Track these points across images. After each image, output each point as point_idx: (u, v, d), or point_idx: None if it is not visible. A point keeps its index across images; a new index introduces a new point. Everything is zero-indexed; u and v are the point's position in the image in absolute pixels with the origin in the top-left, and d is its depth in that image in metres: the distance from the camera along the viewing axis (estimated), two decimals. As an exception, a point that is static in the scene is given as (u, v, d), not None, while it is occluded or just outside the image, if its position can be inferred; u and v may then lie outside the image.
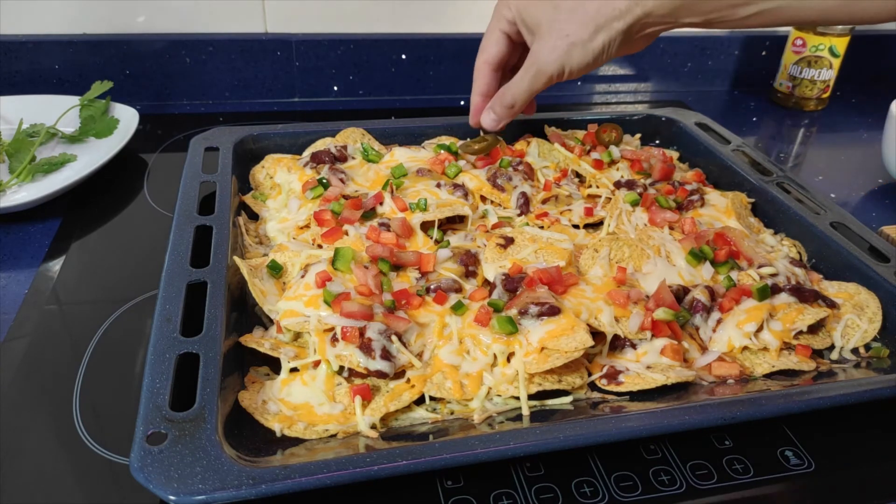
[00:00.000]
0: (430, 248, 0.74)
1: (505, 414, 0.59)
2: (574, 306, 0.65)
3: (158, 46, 1.16)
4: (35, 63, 1.12)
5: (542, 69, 0.73)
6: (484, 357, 0.61)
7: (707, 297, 0.69)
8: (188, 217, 0.74)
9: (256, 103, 1.24)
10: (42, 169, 0.91)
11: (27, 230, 0.84)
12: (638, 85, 1.41)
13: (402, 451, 0.50)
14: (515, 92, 0.78)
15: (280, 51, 1.20)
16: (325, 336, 0.61)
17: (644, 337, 0.64)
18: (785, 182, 0.89)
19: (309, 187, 0.81)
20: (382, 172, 0.86)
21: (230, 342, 0.61)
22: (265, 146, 0.93)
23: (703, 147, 0.98)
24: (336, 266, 0.66)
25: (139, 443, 0.48)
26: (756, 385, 0.62)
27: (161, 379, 0.53)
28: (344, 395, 0.59)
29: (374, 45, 1.23)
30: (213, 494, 0.46)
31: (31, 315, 0.70)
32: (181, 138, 1.09)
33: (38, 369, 0.64)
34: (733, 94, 1.44)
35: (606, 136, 0.96)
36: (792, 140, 1.27)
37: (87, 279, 0.76)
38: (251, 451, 0.52)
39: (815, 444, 0.59)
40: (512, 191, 0.85)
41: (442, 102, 1.28)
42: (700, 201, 0.85)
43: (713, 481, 0.55)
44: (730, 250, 0.74)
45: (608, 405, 0.60)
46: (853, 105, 1.41)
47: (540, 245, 0.72)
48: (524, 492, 0.54)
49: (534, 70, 0.74)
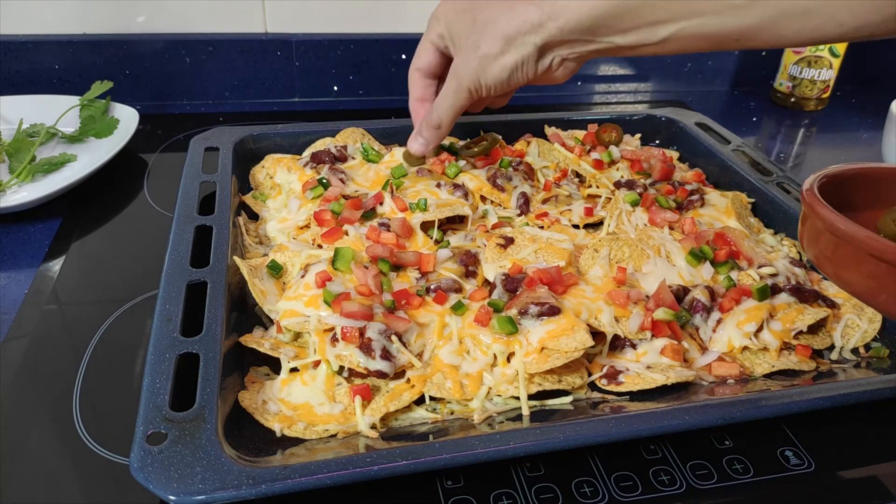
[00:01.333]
0: (430, 248, 0.74)
1: (505, 414, 0.59)
2: (574, 306, 0.65)
3: (158, 46, 1.16)
4: (35, 63, 1.12)
5: (461, 83, 0.71)
6: (484, 357, 0.61)
7: (707, 297, 0.69)
8: (188, 217, 0.74)
9: (256, 103, 1.24)
10: (42, 169, 0.91)
11: (27, 230, 0.84)
12: (638, 85, 1.41)
13: (402, 451, 0.50)
14: (440, 110, 0.75)
15: (280, 51, 1.20)
16: (325, 336, 0.61)
17: (644, 337, 0.64)
18: (785, 182, 0.89)
19: (309, 187, 0.81)
20: (382, 172, 0.86)
21: (230, 342, 0.61)
22: (265, 146, 0.93)
23: (703, 147, 0.98)
24: (336, 266, 0.66)
25: (139, 443, 0.48)
26: (756, 385, 0.62)
27: (161, 379, 0.53)
28: (344, 395, 0.59)
29: (374, 45, 1.23)
30: (213, 494, 0.46)
31: (31, 315, 0.70)
32: (181, 138, 1.09)
33: (38, 369, 0.64)
34: (733, 94, 1.44)
35: (606, 136, 0.96)
36: (792, 140, 1.27)
37: (87, 279, 0.76)
38: (251, 451, 0.52)
39: (815, 444, 0.59)
40: (512, 191, 0.85)
41: (442, 102, 1.28)
42: (700, 201, 0.85)
43: (713, 481, 0.55)
44: (730, 250, 0.74)
45: (608, 405, 0.60)
46: (853, 105, 1.41)
47: (540, 245, 0.72)
48: (524, 492, 0.54)
49: (454, 85, 0.72)
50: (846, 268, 0.49)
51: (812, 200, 0.50)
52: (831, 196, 0.51)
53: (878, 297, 0.48)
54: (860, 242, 0.46)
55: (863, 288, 0.49)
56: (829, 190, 0.52)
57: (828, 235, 0.49)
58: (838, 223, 0.47)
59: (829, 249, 0.50)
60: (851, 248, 0.47)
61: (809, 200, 0.50)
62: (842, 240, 0.48)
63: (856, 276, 0.48)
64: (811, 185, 0.51)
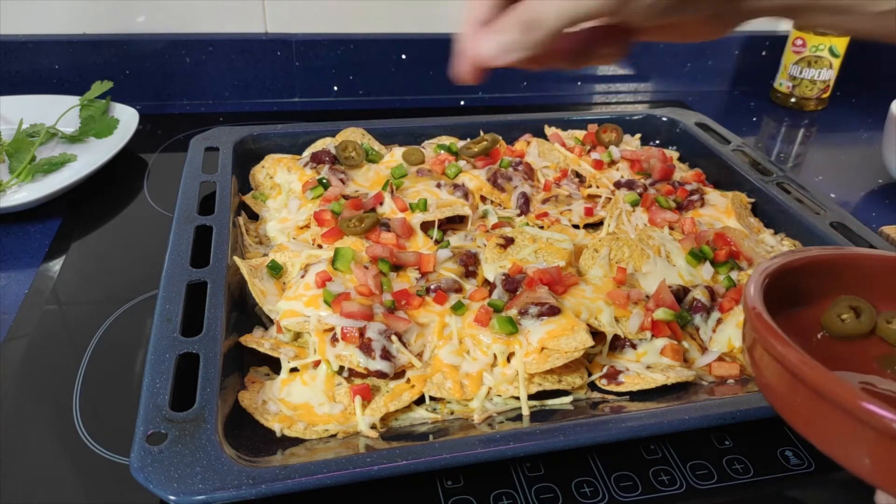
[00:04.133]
0: (430, 248, 0.74)
1: (505, 414, 0.59)
2: (574, 306, 0.65)
3: (158, 46, 1.16)
4: (35, 63, 1.12)
5: None
6: (484, 357, 0.61)
7: (707, 297, 0.69)
8: (188, 217, 0.74)
9: (256, 103, 1.24)
10: (42, 169, 0.91)
11: (27, 230, 0.84)
12: (638, 85, 1.41)
13: (402, 451, 0.50)
14: (544, 6, 0.43)
15: (280, 51, 1.20)
16: (325, 336, 0.61)
17: (644, 337, 0.64)
18: (785, 182, 0.89)
19: (309, 187, 0.81)
20: (382, 172, 0.86)
21: (230, 342, 0.61)
22: (265, 146, 0.93)
23: (703, 147, 0.98)
24: (336, 266, 0.66)
25: (139, 443, 0.48)
26: (756, 385, 0.62)
27: (161, 379, 0.53)
28: (344, 395, 0.59)
29: (374, 45, 1.23)
30: (213, 494, 0.46)
31: (31, 315, 0.70)
32: (181, 138, 1.09)
33: (38, 369, 0.64)
34: (733, 94, 1.44)
35: (606, 137, 0.96)
36: (792, 140, 1.27)
37: (87, 279, 0.76)
38: (251, 451, 0.52)
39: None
40: (512, 191, 0.85)
41: (442, 102, 1.28)
42: (700, 201, 0.85)
43: (713, 481, 0.55)
44: (730, 250, 0.74)
45: (608, 405, 0.60)
46: (853, 105, 1.41)
47: (540, 245, 0.72)
48: (524, 492, 0.54)
49: None
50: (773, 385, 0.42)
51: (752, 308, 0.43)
52: (780, 289, 0.46)
53: None
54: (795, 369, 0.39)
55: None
56: (778, 282, 0.47)
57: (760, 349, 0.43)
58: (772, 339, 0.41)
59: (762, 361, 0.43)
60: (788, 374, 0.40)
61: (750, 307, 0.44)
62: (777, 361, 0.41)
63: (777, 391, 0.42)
64: (756, 286, 0.45)
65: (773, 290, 0.46)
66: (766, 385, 0.43)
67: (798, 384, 0.39)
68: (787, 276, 0.49)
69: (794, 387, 0.40)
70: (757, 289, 0.45)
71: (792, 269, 0.49)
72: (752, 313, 0.43)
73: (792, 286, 0.49)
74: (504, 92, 1.33)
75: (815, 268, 0.51)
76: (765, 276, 0.47)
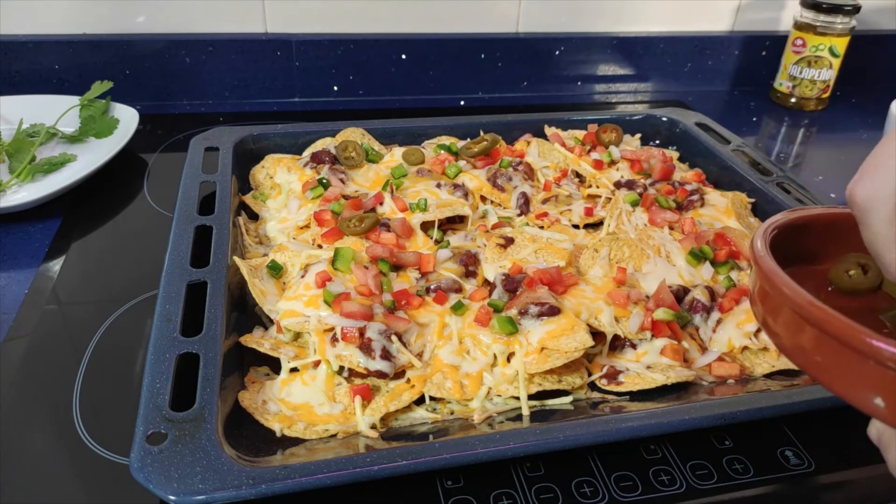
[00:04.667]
0: (430, 248, 0.74)
1: (505, 414, 0.59)
2: (574, 306, 0.65)
3: (158, 46, 1.16)
4: (35, 63, 1.12)
5: None
6: (484, 357, 0.61)
7: (707, 297, 0.69)
8: (188, 217, 0.74)
9: (256, 103, 1.24)
10: (42, 169, 0.91)
11: (27, 230, 0.84)
12: (638, 85, 1.41)
13: (402, 451, 0.50)
14: None
15: (280, 51, 1.20)
16: (325, 336, 0.61)
17: (644, 337, 0.64)
18: (785, 182, 0.89)
19: (309, 187, 0.81)
20: (382, 172, 0.86)
21: (230, 342, 0.61)
22: (265, 146, 0.93)
23: (703, 147, 0.98)
24: (336, 266, 0.66)
25: (139, 443, 0.48)
26: (756, 385, 0.62)
27: (161, 379, 0.53)
28: (344, 395, 0.59)
29: (374, 45, 1.23)
30: (213, 494, 0.46)
31: (31, 315, 0.70)
32: (181, 138, 1.09)
33: (38, 369, 0.64)
34: (733, 94, 1.43)
35: (606, 137, 0.96)
36: (792, 140, 1.27)
37: (87, 279, 0.76)
38: (251, 451, 0.52)
39: (815, 444, 0.59)
40: (512, 191, 0.85)
41: (442, 102, 1.28)
42: (700, 201, 0.85)
43: (713, 481, 0.55)
44: (730, 250, 0.74)
45: (608, 405, 0.60)
46: (853, 105, 1.41)
47: (540, 245, 0.72)
48: (524, 492, 0.54)
49: None
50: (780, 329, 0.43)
51: (759, 257, 0.45)
52: (787, 246, 0.47)
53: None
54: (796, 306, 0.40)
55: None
56: (784, 239, 0.48)
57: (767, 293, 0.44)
58: (777, 280, 0.42)
59: (767, 306, 0.44)
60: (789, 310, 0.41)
61: (756, 257, 0.45)
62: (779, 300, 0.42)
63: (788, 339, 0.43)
64: (763, 238, 0.46)
65: (780, 245, 0.47)
66: (774, 325, 0.44)
67: (804, 324, 0.41)
68: (795, 232, 0.50)
69: (800, 327, 0.41)
70: (765, 239, 0.47)
71: (801, 224, 0.50)
72: (758, 259, 0.45)
73: (799, 243, 0.50)
74: (504, 92, 1.33)
75: (823, 226, 0.52)
76: (773, 228, 0.48)
